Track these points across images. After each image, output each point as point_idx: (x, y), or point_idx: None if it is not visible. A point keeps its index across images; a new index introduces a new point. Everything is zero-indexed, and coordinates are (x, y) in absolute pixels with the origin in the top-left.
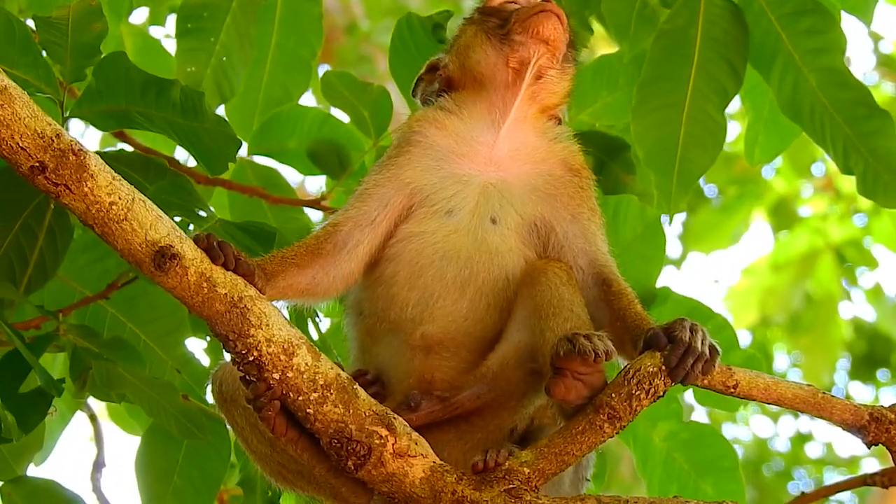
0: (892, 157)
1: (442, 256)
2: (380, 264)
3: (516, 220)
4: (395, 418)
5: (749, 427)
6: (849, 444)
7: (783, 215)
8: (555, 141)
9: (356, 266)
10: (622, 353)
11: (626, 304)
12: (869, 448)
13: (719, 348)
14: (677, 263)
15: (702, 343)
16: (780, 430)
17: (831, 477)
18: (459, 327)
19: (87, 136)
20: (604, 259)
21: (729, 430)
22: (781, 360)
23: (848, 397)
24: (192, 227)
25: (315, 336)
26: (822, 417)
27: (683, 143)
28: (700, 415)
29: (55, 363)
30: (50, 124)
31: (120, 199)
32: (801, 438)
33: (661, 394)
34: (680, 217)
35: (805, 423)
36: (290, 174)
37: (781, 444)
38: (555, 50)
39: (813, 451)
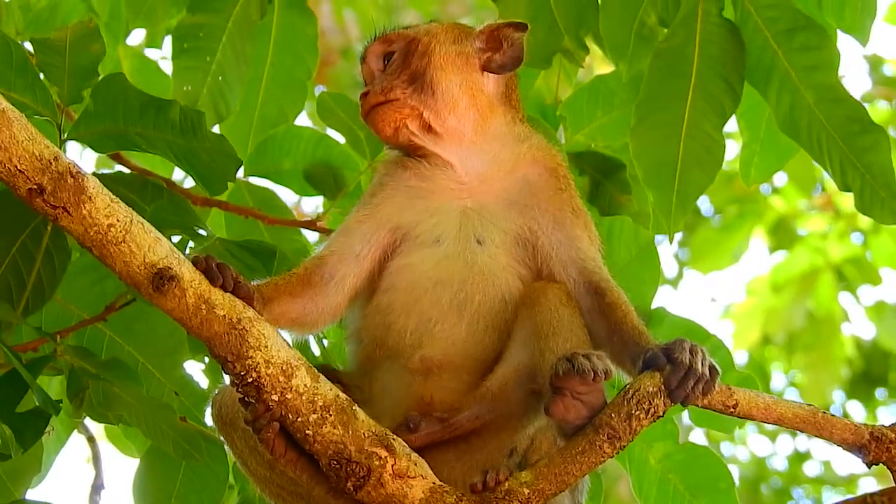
0: (887, 173)
1: (436, 283)
2: (376, 295)
3: (501, 238)
4: (394, 439)
5: (747, 446)
6: (847, 463)
7: (783, 234)
8: (519, 142)
9: (342, 299)
10: (621, 369)
11: (621, 316)
12: (869, 468)
13: (719, 368)
14: (674, 283)
15: (702, 364)
16: (778, 449)
17: (830, 496)
18: (458, 350)
19: (83, 157)
20: (593, 266)
21: (727, 449)
22: (779, 379)
23: (846, 415)
24: (191, 244)
25: (317, 352)
26: (822, 437)
27: (682, 161)
28: (698, 433)
29: (52, 385)
30: (48, 147)
31: (118, 221)
32: (800, 457)
33: (661, 414)
34: (676, 236)
35: (803, 441)
36: (286, 194)
37: (780, 463)
38: (405, 122)
39: (811, 469)
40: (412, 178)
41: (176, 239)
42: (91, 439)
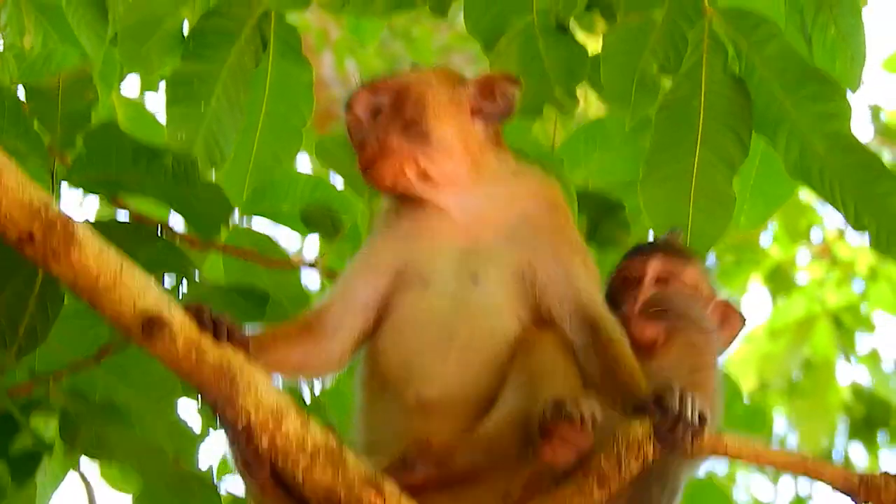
0: None
1: (428, 323)
2: (375, 338)
3: (498, 274)
4: (385, 481)
5: (748, 490)
6: None
7: (780, 281)
8: (515, 176)
9: (347, 347)
10: (613, 409)
11: (614, 355)
12: None
13: (708, 416)
14: None
15: (691, 411)
16: (779, 492)
17: None
18: (453, 390)
19: (86, 202)
20: (589, 300)
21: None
22: (781, 423)
23: (847, 461)
24: (184, 290)
25: (308, 398)
26: (812, 478)
27: (693, 214)
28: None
29: (47, 429)
30: (38, 194)
31: (108, 268)
32: (801, 502)
33: (651, 458)
34: None
35: (805, 485)
36: (286, 241)
37: None
38: (402, 171)
39: None
40: (409, 223)
41: (168, 283)
42: (85, 479)
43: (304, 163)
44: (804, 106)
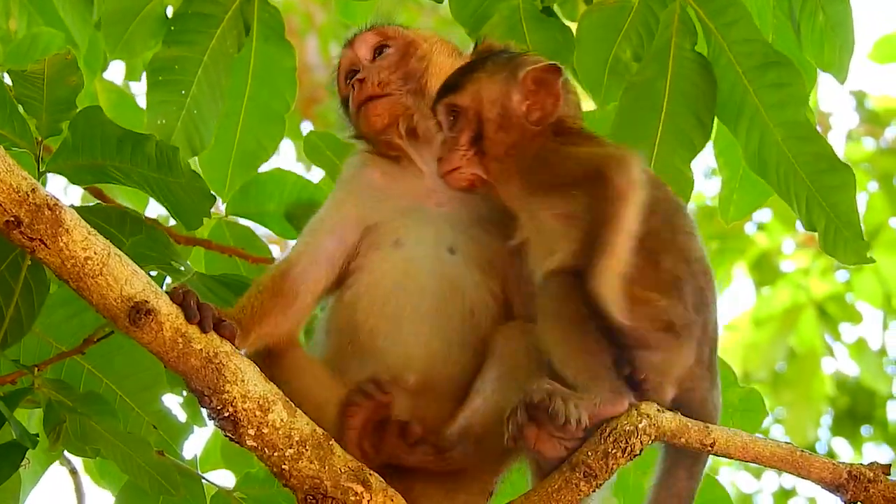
0: (851, 213)
1: (399, 290)
2: (342, 291)
3: (476, 250)
4: (370, 474)
5: (733, 483)
6: (833, 500)
7: (765, 270)
8: None
9: (312, 300)
10: None
11: None
12: None
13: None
14: None
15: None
16: (763, 486)
17: None
18: (428, 369)
19: (68, 191)
20: None
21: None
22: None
23: (831, 453)
24: (168, 280)
25: None
26: (800, 476)
27: None
28: None
29: (31, 419)
30: (25, 179)
31: (95, 254)
32: (785, 494)
33: (638, 452)
34: None
35: (788, 478)
36: (269, 235)
37: (765, 501)
38: (397, 119)
39: None
40: (382, 180)
41: (154, 273)
42: (73, 472)
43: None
44: (766, 92)
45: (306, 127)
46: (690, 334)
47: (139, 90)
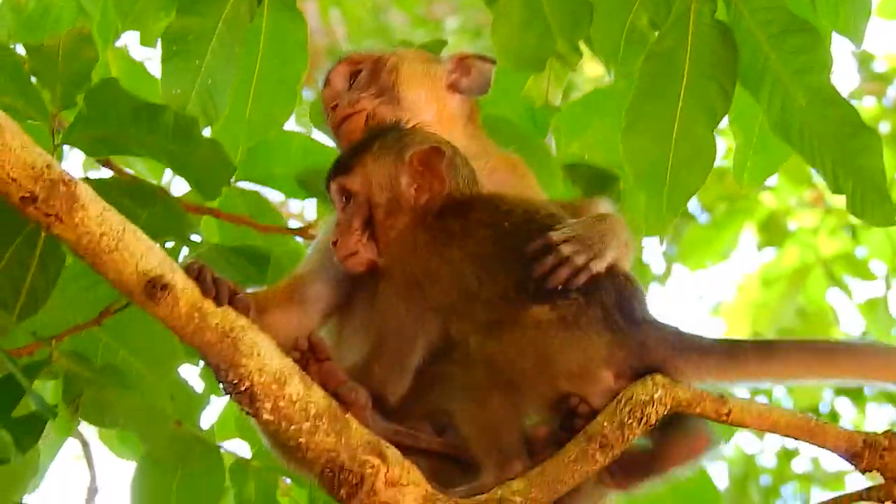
0: (878, 176)
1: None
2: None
3: None
4: (387, 447)
5: (735, 443)
6: (836, 460)
7: (774, 231)
8: (486, 154)
9: (316, 317)
10: None
11: None
12: (863, 474)
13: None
14: (662, 280)
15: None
16: (766, 446)
17: (818, 494)
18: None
19: (69, 160)
20: None
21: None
22: None
23: (833, 413)
24: (185, 251)
25: None
26: (815, 444)
27: (673, 164)
28: None
29: (45, 391)
30: (41, 155)
31: (111, 229)
32: (788, 454)
33: (654, 422)
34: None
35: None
36: (273, 194)
37: (768, 460)
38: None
39: (800, 466)
40: None
41: (169, 245)
42: (85, 443)
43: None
44: (788, 58)
45: (305, 94)
46: (588, 319)
47: (144, 58)
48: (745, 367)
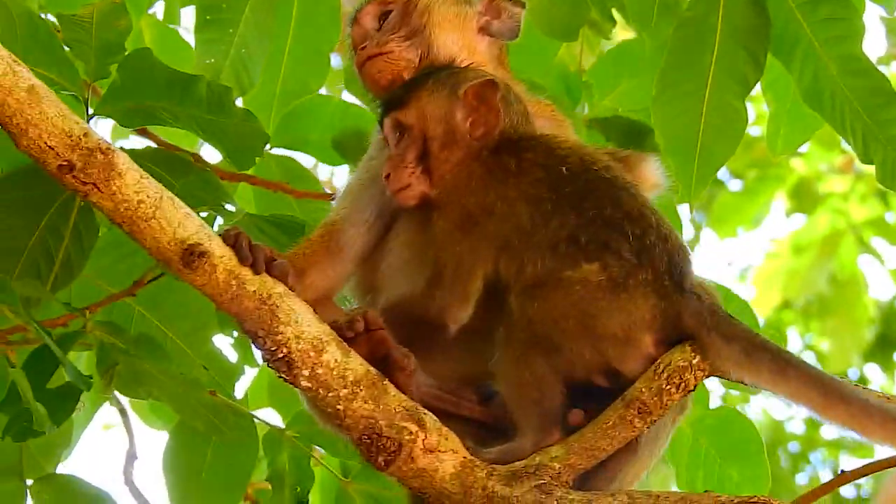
0: None
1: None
2: (374, 255)
3: None
4: (425, 414)
5: (764, 410)
6: None
7: (804, 197)
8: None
9: (351, 265)
10: None
11: None
12: None
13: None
14: (690, 246)
15: None
16: (795, 412)
17: (847, 460)
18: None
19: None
20: None
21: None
22: (796, 342)
23: (863, 378)
24: (220, 220)
25: None
26: None
27: (704, 131)
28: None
29: (79, 362)
30: (77, 123)
31: (148, 197)
32: (816, 421)
33: (692, 388)
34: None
35: None
36: (304, 159)
37: (797, 426)
38: (400, 74)
39: (828, 433)
40: None
41: (204, 215)
42: (122, 411)
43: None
44: (820, 27)
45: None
46: (637, 282)
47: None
48: (756, 371)
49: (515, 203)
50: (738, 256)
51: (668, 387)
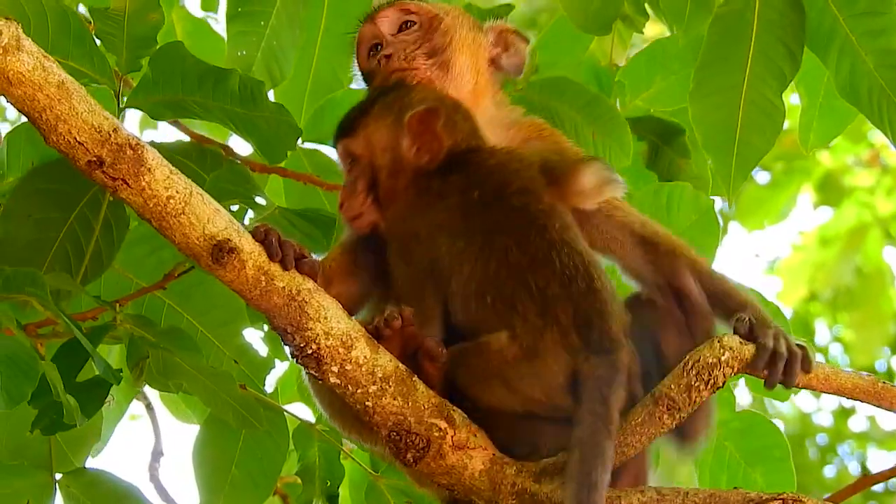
0: None
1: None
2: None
3: None
4: (454, 410)
5: (791, 401)
6: (893, 419)
7: (831, 190)
8: (506, 128)
9: (371, 281)
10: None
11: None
12: None
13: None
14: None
15: (787, 350)
16: (823, 405)
17: (875, 452)
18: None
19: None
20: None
21: (771, 405)
22: (823, 334)
23: (890, 371)
24: (251, 213)
25: None
26: (881, 407)
27: (742, 126)
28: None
29: (110, 355)
30: (107, 118)
31: (177, 192)
32: (845, 412)
33: (721, 385)
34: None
35: None
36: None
37: (825, 419)
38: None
39: (856, 425)
40: None
41: (235, 208)
42: (149, 407)
43: None
44: (857, 21)
45: None
46: (546, 345)
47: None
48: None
49: (435, 232)
50: (765, 249)
51: (697, 383)
